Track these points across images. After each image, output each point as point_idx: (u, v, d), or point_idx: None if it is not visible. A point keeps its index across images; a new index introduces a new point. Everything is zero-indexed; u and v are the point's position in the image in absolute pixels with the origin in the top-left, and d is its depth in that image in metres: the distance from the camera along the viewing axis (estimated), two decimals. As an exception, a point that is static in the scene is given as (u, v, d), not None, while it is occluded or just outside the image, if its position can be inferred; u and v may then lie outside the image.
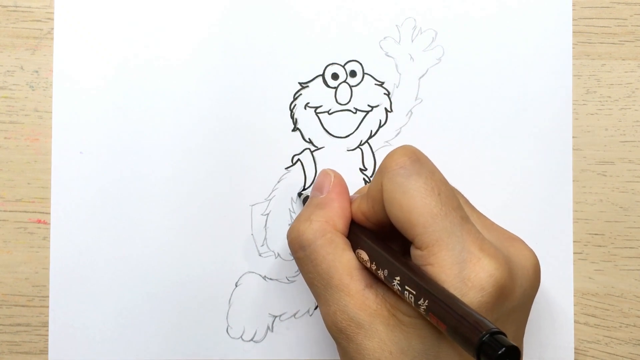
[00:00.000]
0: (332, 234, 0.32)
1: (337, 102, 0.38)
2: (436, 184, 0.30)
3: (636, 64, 0.39)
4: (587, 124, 0.39)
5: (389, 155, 0.31)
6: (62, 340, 0.38)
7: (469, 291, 0.28)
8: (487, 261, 0.29)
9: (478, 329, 0.25)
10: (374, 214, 0.32)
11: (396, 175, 0.30)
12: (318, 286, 0.32)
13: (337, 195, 0.34)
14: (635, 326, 0.39)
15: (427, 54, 0.39)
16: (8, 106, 0.38)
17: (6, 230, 0.38)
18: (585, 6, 0.39)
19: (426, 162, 0.31)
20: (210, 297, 0.38)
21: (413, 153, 0.31)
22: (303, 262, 0.33)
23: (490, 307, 0.29)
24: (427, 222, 0.29)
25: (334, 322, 0.31)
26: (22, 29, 0.38)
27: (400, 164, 0.31)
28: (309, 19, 0.38)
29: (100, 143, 0.38)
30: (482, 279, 0.28)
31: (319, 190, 0.34)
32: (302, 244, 0.32)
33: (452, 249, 0.29)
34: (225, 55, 0.38)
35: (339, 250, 0.32)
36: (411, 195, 0.30)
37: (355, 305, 0.31)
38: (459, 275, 0.28)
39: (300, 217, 0.33)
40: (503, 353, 0.24)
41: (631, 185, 0.39)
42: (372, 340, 0.30)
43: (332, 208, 0.33)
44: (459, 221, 0.30)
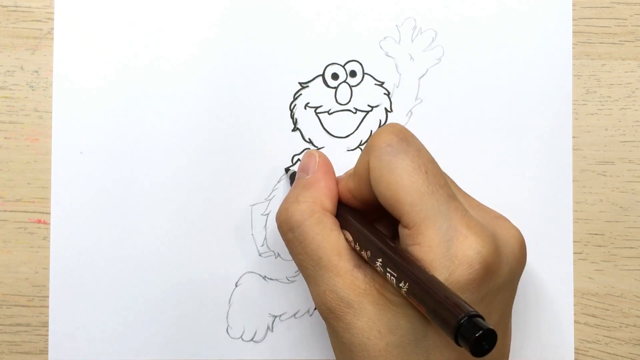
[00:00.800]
0: (320, 213, 0.32)
1: (337, 102, 0.38)
2: (423, 162, 0.30)
3: (636, 64, 0.39)
4: (587, 124, 0.39)
5: (376, 133, 0.31)
6: (62, 340, 0.38)
7: (456, 268, 0.28)
8: (474, 238, 0.29)
9: (456, 311, 0.26)
10: (361, 192, 0.32)
11: (383, 153, 0.30)
12: (307, 267, 0.32)
13: (324, 174, 0.34)
14: (635, 326, 0.39)
15: (427, 54, 0.39)
16: (8, 106, 0.38)
17: (6, 230, 0.38)
18: (585, 6, 0.39)
19: (413, 141, 0.31)
20: (210, 297, 0.38)
21: (400, 131, 0.31)
22: (292, 243, 0.32)
23: (478, 284, 0.29)
24: (414, 200, 0.29)
25: (324, 302, 0.31)
26: (22, 29, 0.38)
27: (387, 141, 0.31)
28: (309, 19, 0.38)
29: (100, 143, 0.38)
30: (470, 256, 0.29)
31: (305, 171, 0.34)
32: (291, 225, 0.32)
33: (439, 227, 0.29)
34: (225, 55, 0.38)
35: (327, 230, 0.32)
36: (398, 173, 0.30)
37: (344, 284, 0.31)
38: (447, 254, 0.29)
39: (288, 199, 0.33)
40: (480, 336, 0.25)
41: (631, 185, 0.39)
42: (361, 319, 0.30)
43: (319, 188, 0.33)
44: (445, 199, 0.30)
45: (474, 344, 0.25)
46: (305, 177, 0.34)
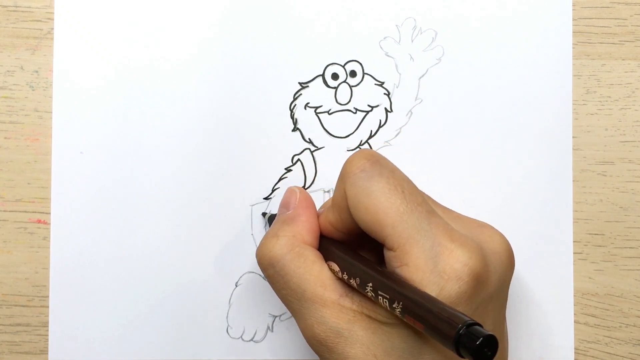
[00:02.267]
0: (300, 247, 0.32)
1: (337, 102, 0.38)
2: (399, 182, 0.30)
3: (636, 64, 0.39)
4: (587, 124, 0.39)
5: (348, 161, 0.31)
6: (62, 340, 0.38)
7: (446, 284, 0.28)
8: (460, 251, 0.29)
9: (453, 323, 0.26)
10: (342, 222, 0.32)
11: (358, 179, 0.30)
12: (292, 301, 0.32)
13: (304, 209, 0.34)
14: (635, 326, 0.39)
15: (427, 54, 0.39)
16: (8, 106, 0.38)
17: (6, 230, 0.38)
18: (585, 6, 0.39)
19: (386, 163, 0.31)
20: (210, 297, 0.38)
21: (371, 155, 0.31)
22: (274, 279, 0.32)
23: (469, 297, 0.29)
24: (395, 221, 0.29)
25: (313, 335, 0.31)
26: (22, 29, 0.38)
27: (361, 167, 0.31)
28: (309, 19, 0.38)
29: (100, 143, 0.38)
30: (457, 270, 0.28)
31: (285, 207, 0.34)
32: (271, 260, 0.32)
33: (423, 245, 0.29)
34: (225, 55, 0.38)
35: (309, 263, 0.32)
36: (375, 196, 0.30)
37: (332, 314, 0.30)
38: (435, 270, 0.29)
39: (267, 235, 0.33)
40: (481, 343, 0.25)
41: (631, 185, 0.39)
42: (354, 347, 0.30)
43: (299, 222, 0.33)
44: (425, 216, 0.30)
45: (476, 352, 0.25)
46: (285, 213, 0.34)
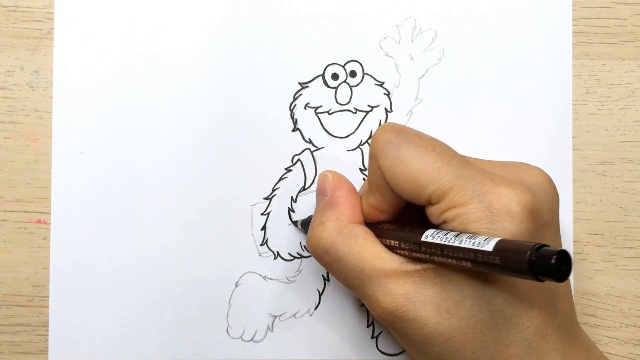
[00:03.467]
0: (348, 227, 0.32)
1: (337, 102, 0.38)
2: (428, 143, 0.31)
3: (636, 64, 0.39)
4: (587, 124, 0.39)
5: (373, 139, 0.32)
6: (62, 340, 0.38)
7: (496, 217, 0.28)
8: (503, 188, 0.29)
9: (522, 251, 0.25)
10: (385, 201, 0.32)
11: (388, 151, 0.31)
12: (354, 282, 0.32)
13: (340, 190, 0.34)
14: (635, 326, 0.39)
15: (427, 54, 0.39)
16: (8, 106, 0.38)
17: (6, 230, 0.38)
18: (585, 6, 0.39)
19: (410, 130, 0.32)
20: (210, 297, 0.38)
21: (394, 127, 0.32)
22: (331, 265, 0.32)
23: (527, 228, 0.29)
24: (434, 178, 0.30)
25: (383, 309, 0.31)
26: (22, 29, 0.38)
27: (387, 139, 0.31)
28: (309, 19, 0.38)
29: (100, 143, 0.38)
30: (505, 203, 0.29)
31: (322, 193, 0.35)
32: (324, 248, 0.32)
33: (467, 187, 0.29)
34: (225, 55, 0.38)
35: (361, 240, 0.32)
36: (409, 162, 0.30)
37: (397, 283, 0.30)
38: (482, 206, 0.29)
39: (312, 224, 0.33)
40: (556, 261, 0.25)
41: (631, 185, 0.39)
42: (425, 308, 0.30)
43: (339, 204, 0.33)
44: (462, 164, 0.30)
45: (554, 270, 0.24)
46: (323, 199, 0.34)
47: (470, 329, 0.29)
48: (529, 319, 0.30)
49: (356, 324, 0.38)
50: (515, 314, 0.29)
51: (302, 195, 0.38)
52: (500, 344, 0.29)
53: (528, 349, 0.30)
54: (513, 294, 0.29)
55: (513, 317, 0.29)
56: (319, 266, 0.38)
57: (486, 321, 0.29)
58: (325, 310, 0.38)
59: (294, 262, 0.38)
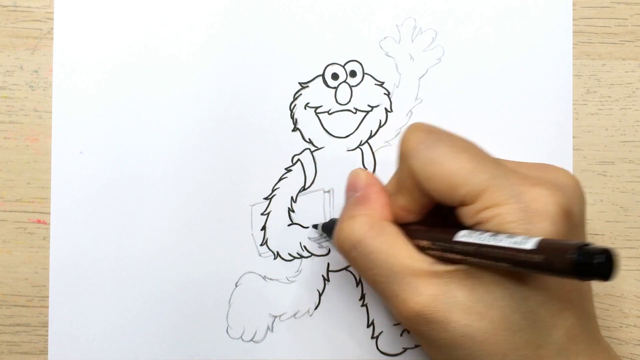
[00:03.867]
0: (380, 223, 0.31)
1: (337, 102, 0.38)
2: (460, 143, 0.30)
3: (636, 64, 0.39)
4: (587, 124, 0.39)
5: (403, 139, 0.31)
6: (62, 340, 0.38)
7: (533, 218, 0.28)
8: (539, 189, 0.29)
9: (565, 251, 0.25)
10: (414, 202, 0.32)
11: (420, 151, 0.30)
12: (381, 281, 0.31)
13: (372, 187, 0.33)
14: (635, 326, 0.39)
15: (427, 54, 0.39)
16: (8, 106, 0.38)
17: (6, 230, 0.38)
18: (585, 6, 0.39)
19: (440, 129, 0.31)
20: (210, 297, 0.38)
21: (424, 126, 0.31)
22: (359, 261, 0.31)
23: (563, 230, 0.28)
24: (468, 178, 0.29)
25: (410, 310, 0.29)
26: (22, 28, 0.38)
27: (418, 140, 0.30)
28: (309, 19, 0.38)
29: (100, 143, 0.38)
30: (542, 204, 0.28)
31: (353, 190, 0.34)
32: (353, 242, 0.31)
33: (501, 188, 0.29)
34: (225, 55, 0.38)
35: (392, 237, 0.31)
36: (441, 162, 0.30)
37: (426, 283, 0.29)
38: (519, 207, 0.28)
39: (343, 218, 0.32)
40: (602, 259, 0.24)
41: (631, 185, 0.39)
42: (454, 311, 0.29)
43: (372, 200, 0.32)
44: (495, 166, 0.30)
45: (599, 269, 0.24)
46: (354, 195, 0.33)
47: (501, 330, 0.29)
48: (560, 321, 0.29)
49: (356, 324, 0.38)
50: (548, 316, 0.29)
51: (302, 195, 0.38)
52: (532, 345, 0.29)
53: (559, 350, 0.29)
54: (546, 295, 0.29)
55: (546, 319, 0.29)
56: (319, 266, 0.38)
57: (518, 323, 0.29)
58: (325, 310, 0.38)
59: (294, 262, 0.38)
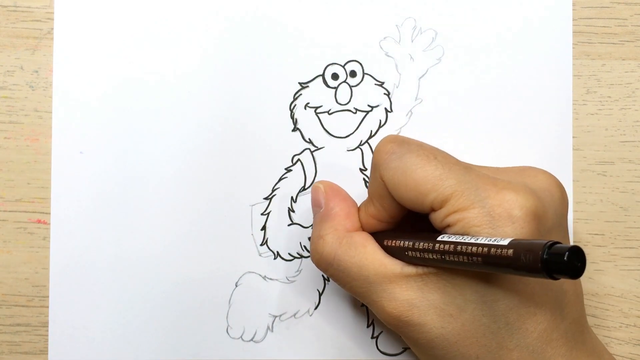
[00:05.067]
0: (346, 237, 0.33)
1: (337, 102, 0.38)
2: (429, 152, 0.31)
3: (636, 64, 0.39)
4: (587, 124, 0.39)
5: (376, 149, 0.32)
6: (62, 340, 0.38)
7: (497, 222, 0.28)
8: (506, 192, 0.29)
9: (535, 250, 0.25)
10: (385, 211, 0.32)
11: (390, 161, 0.31)
12: (361, 291, 0.32)
13: (333, 199, 0.34)
14: (635, 326, 0.39)
15: (427, 54, 0.39)
16: (8, 106, 0.38)
17: (6, 230, 0.38)
18: (585, 6, 0.39)
19: (412, 140, 0.32)
20: (210, 297, 0.38)
21: (395, 138, 0.32)
22: (336, 277, 0.33)
23: (528, 233, 0.28)
24: (435, 185, 0.30)
25: (388, 314, 0.31)
26: (22, 29, 0.38)
27: (389, 150, 0.31)
28: (309, 19, 0.38)
29: (100, 143, 0.38)
30: (507, 208, 0.29)
31: (317, 206, 0.35)
32: (327, 261, 0.33)
33: (468, 193, 0.29)
34: (225, 55, 0.38)
35: (360, 248, 0.32)
36: (411, 170, 0.30)
37: (400, 288, 0.31)
38: (483, 211, 0.29)
39: (313, 239, 0.34)
40: (569, 257, 0.24)
41: (631, 185, 0.39)
42: (429, 313, 0.30)
43: (334, 214, 0.34)
44: (463, 171, 0.30)
45: (568, 267, 0.24)
46: (319, 212, 0.35)
47: (473, 333, 0.29)
48: (532, 324, 0.29)
49: (356, 324, 0.38)
50: (518, 319, 0.29)
51: (302, 195, 0.38)
52: (504, 348, 0.29)
53: (533, 354, 0.29)
54: (516, 299, 0.29)
55: (516, 322, 0.29)
56: (319, 266, 0.38)
57: (489, 325, 0.29)
58: (325, 310, 0.38)
59: (294, 262, 0.38)
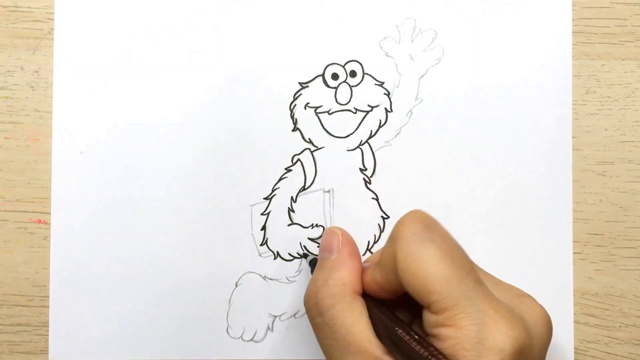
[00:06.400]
0: (351, 297, 0.32)
1: (337, 102, 0.38)
2: (449, 249, 0.30)
3: (636, 64, 0.39)
4: (587, 124, 0.39)
5: (400, 222, 0.31)
6: (62, 340, 0.38)
7: (487, 352, 0.28)
8: (504, 323, 0.29)
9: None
10: (388, 283, 0.32)
11: (409, 242, 0.30)
12: (334, 353, 0.31)
13: (349, 255, 0.34)
14: (635, 326, 0.39)
15: (427, 54, 0.39)
16: (8, 106, 0.38)
17: (6, 230, 0.38)
18: (585, 6, 0.39)
19: (438, 227, 0.31)
20: (210, 297, 0.38)
21: (425, 219, 0.31)
22: (321, 327, 0.32)
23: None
24: (443, 289, 0.29)
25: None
26: (23, 29, 0.38)
27: (413, 230, 0.30)
28: (309, 19, 0.38)
29: (100, 143, 0.38)
30: (500, 341, 0.28)
31: (329, 251, 0.34)
32: (321, 309, 0.32)
33: (469, 312, 0.29)
34: (225, 55, 0.38)
35: (357, 315, 0.31)
36: (425, 261, 0.30)
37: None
38: (476, 337, 0.29)
39: (316, 282, 0.33)
40: None
41: (631, 185, 0.39)
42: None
43: (347, 269, 0.33)
44: (473, 285, 0.30)
45: None
46: (330, 258, 0.34)
47: None
48: None
49: (356, 324, 0.38)
50: None
51: (302, 195, 0.38)
52: None
53: None
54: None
55: None
56: (319, 266, 0.38)
57: None
58: (325, 310, 0.38)
59: (294, 262, 0.38)
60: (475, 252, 0.38)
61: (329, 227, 0.35)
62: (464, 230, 0.38)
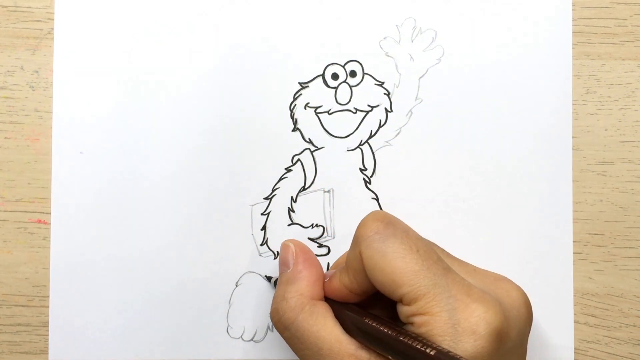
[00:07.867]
0: (310, 304, 0.33)
1: (337, 102, 0.38)
2: (413, 242, 0.31)
3: (636, 64, 0.39)
4: (587, 124, 0.39)
5: (361, 224, 0.32)
6: (62, 340, 0.38)
7: (460, 336, 0.29)
8: (476, 305, 0.29)
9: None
10: (357, 284, 0.32)
11: (372, 241, 0.31)
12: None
13: (303, 264, 0.34)
14: (635, 326, 0.39)
15: (427, 54, 0.39)
16: (8, 106, 0.38)
17: (6, 230, 0.38)
18: (585, 6, 0.39)
19: (399, 223, 0.32)
20: (210, 297, 0.38)
21: (384, 217, 0.32)
22: (291, 340, 0.33)
23: (487, 351, 0.29)
24: (410, 280, 0.30)
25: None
26: (23, 29, 0.38)
27: (374, 229, 0.31)
28: (309, 19, 0.38)
29: (100, 143, 0.38)
30: (473, 323, 0.29)
31: (285, 265, 0.35)
32: (285, 324, 0.33)
33: (439, 299, 0.29)
34: (225, 55, 0.38)
35: (321, 319, 0.32)
36: (391, 257, 0.30)
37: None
38: (449, 321, 0.29)
39: (276, 298, 0.34)
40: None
41: (631, 185, 0.39)
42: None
43: (302, 279, 0.34)
44: (442, 272, 0.30)
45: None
46: (286, 272, 0.34)
47: None
48: None
49: (356, 324, 0.38)
50: None
51: (302, 195, 0.38)
52: None
53: None
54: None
55: None
56: (319, 266, 0.38)
57: None
58: (325, 310, 0.38)
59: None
60: (475, 252, 0.38)
61: (282, 241, 0.36)
62: (464, 230, 0.38)
